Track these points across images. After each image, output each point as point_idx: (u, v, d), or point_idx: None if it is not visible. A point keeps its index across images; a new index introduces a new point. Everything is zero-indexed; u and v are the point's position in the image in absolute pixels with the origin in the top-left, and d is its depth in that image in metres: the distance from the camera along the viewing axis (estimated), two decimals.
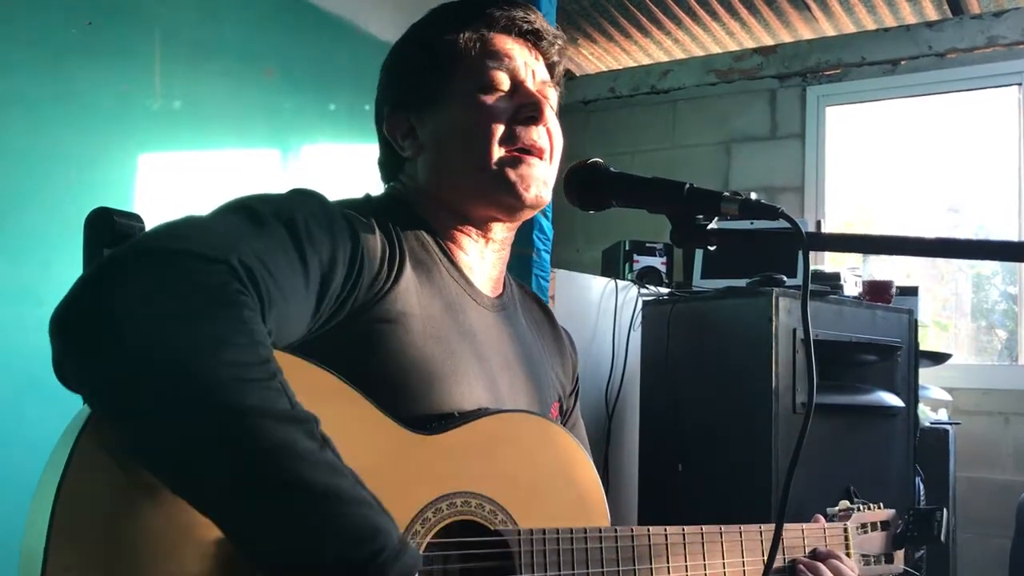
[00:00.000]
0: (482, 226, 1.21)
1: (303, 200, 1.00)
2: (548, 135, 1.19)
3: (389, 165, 1.26)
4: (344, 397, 0.95)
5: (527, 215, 1.21)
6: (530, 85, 1.19)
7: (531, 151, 1.17)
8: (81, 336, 0.76)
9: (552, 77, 1.26)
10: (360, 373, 0.97)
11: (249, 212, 0.92)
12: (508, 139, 1.16)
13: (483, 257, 1.22)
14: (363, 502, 0.78)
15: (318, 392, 0.90)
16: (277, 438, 0.75)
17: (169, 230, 0.84)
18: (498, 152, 1.15)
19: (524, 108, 1.17)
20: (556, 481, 1.11)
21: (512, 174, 1.15)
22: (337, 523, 0.76)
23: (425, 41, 1.21)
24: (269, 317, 0.85)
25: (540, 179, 1.17)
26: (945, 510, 1.47)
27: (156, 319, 0.75)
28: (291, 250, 0.91)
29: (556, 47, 1.25)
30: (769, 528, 1.28)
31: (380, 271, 1.05)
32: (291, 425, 0.76)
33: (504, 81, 1.18)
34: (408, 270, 1.08)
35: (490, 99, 1.16)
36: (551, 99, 1.23)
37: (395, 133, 1.22)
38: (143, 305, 0.75)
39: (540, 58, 1.23)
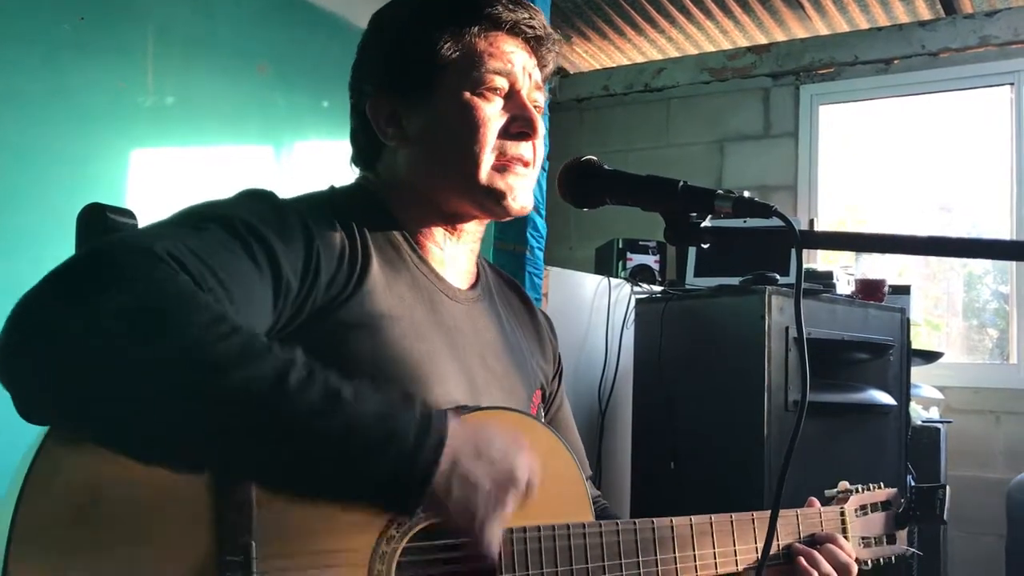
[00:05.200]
0: (456, 223, 1.20)
1: (249, 201, 0.98)
2: (534, 146, 1.19)
3: (366, 146, 1.22)
4: None
5: (511, 218, 1.22)
6: (525, 93, 1.18)
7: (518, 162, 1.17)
8: (27, 371, 0.74)
9: (543, 79, 1.24)
10: None
11: (188, 218, 0.90)
12: (497, 150, 1.15)
13: (454, 251, 1.21)
14: (365, 415, 0.79)
15: None
16: (264, 373, 0.75)
17: (95, 243, 0.83)
18: (486, 161, 1.14)
19: (517, 122, 1.16)
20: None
21: (501, 184, 1.14)
22: (346, 444, 0.77)
23: (425, 26, 1.16)
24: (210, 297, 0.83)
25: (526, 188, 1.18)
26: (947, 487, 1.44)
27: (97, 320, 0.73)
28: (233, 246, 0.89)
29: (553, 52, 1.23)
30: (762, 515, 1.26)
31: (340, 269, 1.02)
32: (275, 360, 0.77)
33: (502, 85, 1.16)
34: (375, 268, 1.06)
35: (485, 104, 1.14)
36: (540, 102, 1.21)
37: (378, 116, 1.18)
38: (80, 311, 0.74)
39: (538, 61, 1.21)
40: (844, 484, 1.44)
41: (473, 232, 1.23)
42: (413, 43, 1.16)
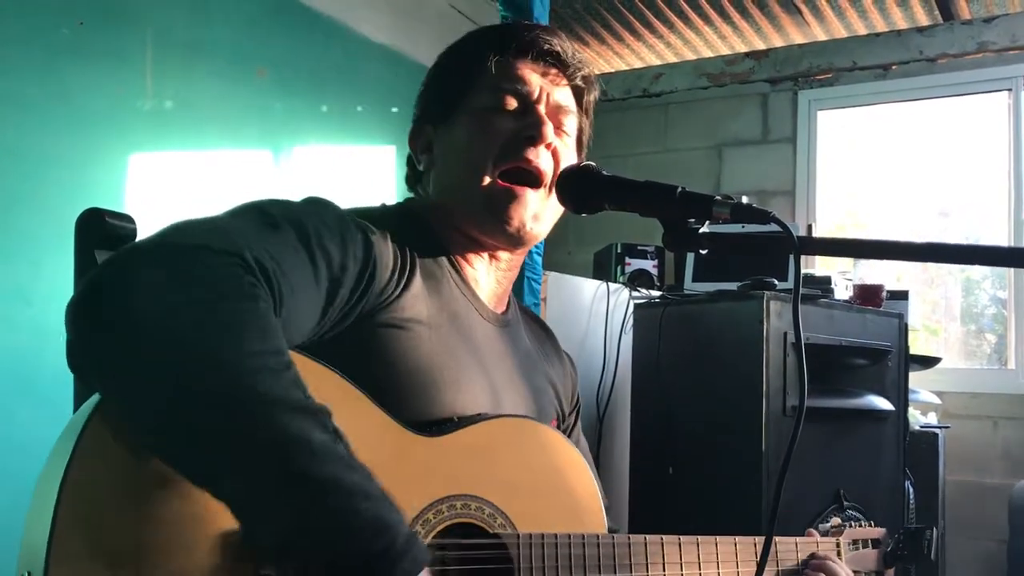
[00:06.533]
0: (486, 247, 1.22)
1: (316, 208, 1.01)
2: (554, 158, 1.19)
3: (410, 177, 1.30)
4: (348, 396, 0.96)
5: (521, 246, 1.22)
6: (541, 108, 1.19)
7: (526, 175, 1.17)
8: (96, 325, 0.77)
9: (579, 105, 1.25)
10: (364, 376, 0.98)
11: (261, 214, 0.93)
12: (505, 155, 1.16)
13: (488, 273, 1.24)
14: (372, 497, 0.78)
15: (322, 390, 0.90)
16: (291, 429, 0.75)
17: (183, 227, 0.85)
18: (491, 172, 1.16)
19: (526, 128, 1.17)
20: (554, 487, 1.13)
21: (498, 204, 1.16)
22: (344, 517, 0.76)
23: (449, 61, 1.26)
24: (280, 313, 0.86)
25: (528, 212, 1.17)
26: (935, 528, 1.48)
27: (172, 309, 0.76)
28: (302, 252, 0.92)
29: (581, 73, 1.24)
30: (762, 540, 1.29)
31: (391, 280, 1.06)
32: (304, 416, 0.77)
33: (513, 103, 1.18)
34: (418, 279, 1.09)
35: (495, 118, 1.17)
36: (567, 126, 1.22)
37: (415, 146, 1.27)
38: (159, 295, 0.76)
39: (564, 83, 1.22)
40: (836, 520, 1.48)
41: (507, 260, 1.25)
42: (442, 77, 1.26)
